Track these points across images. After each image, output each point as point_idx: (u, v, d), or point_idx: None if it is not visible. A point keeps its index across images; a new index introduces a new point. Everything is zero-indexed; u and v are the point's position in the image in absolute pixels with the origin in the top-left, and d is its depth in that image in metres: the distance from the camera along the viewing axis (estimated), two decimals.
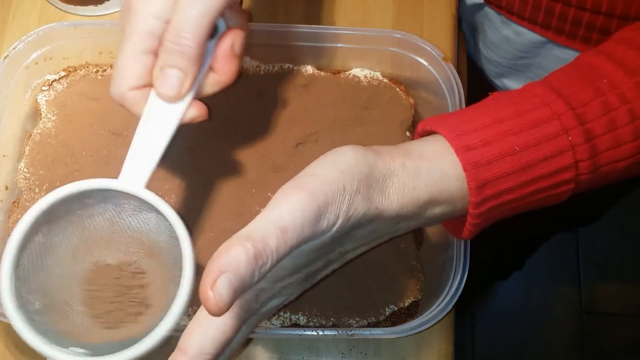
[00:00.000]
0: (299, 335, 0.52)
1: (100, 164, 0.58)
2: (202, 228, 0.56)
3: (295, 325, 0.54)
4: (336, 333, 0.52)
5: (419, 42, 0.59)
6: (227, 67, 0.45)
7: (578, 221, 1.31)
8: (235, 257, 0.34)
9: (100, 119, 0.60)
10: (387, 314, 0.55)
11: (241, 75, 0.62)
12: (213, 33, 0.44)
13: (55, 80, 0.62)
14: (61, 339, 0.43)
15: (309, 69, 0.62)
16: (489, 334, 1.39)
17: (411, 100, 0.62)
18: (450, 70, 0.58)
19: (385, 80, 0.62)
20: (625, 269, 1.44)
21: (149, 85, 0.44)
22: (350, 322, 0.54)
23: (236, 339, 0.40)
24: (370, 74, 0.63)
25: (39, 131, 0.60)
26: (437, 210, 0.42)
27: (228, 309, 0.34)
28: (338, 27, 0.62)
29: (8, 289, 0.42)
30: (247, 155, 0.59)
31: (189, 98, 0.44)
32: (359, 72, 0.63)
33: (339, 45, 0.61)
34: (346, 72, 0.63)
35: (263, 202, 0.57)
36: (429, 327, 0.51)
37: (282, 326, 0.54)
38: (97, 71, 0.62)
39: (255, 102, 0.61)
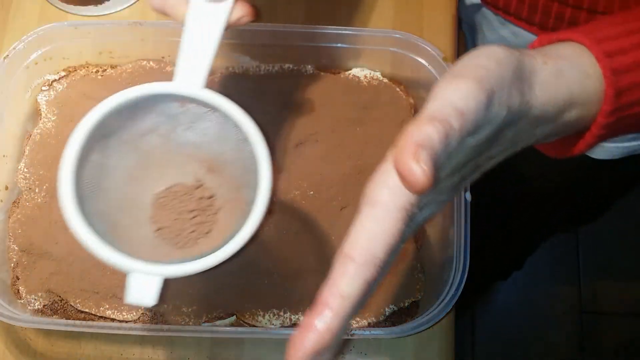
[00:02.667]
0: None
1: None
2: None
3: (296, 325, 0.54)
4: None
5: (419, 42, 0.59)
6: None
7: (578, 221, 1.31)
8: (428, 134, 0.32)
9: None
10: (387, 314, 0.55)
11: (241, 75, 0.62)
12: None
13: (55, 80, 0.62)
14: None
15: (309, 69, 0.62)
16: (489, 334, 1.39)
17: (411, 100, 0.62)
18: None
19: (385, 80, 0.62)
20: (625, 269, 1.43)
21: None
22: (350, 322, 0.54)
23: (398, 247, 0.36)
24: (370, 74, 0.63)
25: (39, 131, 0.60)
26: (572, 114, 0.41)
27: (433, 184, 0.32)
28: (338, 27, 0.62)
29: (74, 209, 0.40)
30: None
31: None
32: (359, 72, 0.63)
33: (339, 45, 0.61)
34: (346, 72, 0.63)
35: None
36: (429, 327, 0.51)
37: (282, 326, 0.54)
38: (97, 71, 0.62)
39: (255, 102, 0.61)
